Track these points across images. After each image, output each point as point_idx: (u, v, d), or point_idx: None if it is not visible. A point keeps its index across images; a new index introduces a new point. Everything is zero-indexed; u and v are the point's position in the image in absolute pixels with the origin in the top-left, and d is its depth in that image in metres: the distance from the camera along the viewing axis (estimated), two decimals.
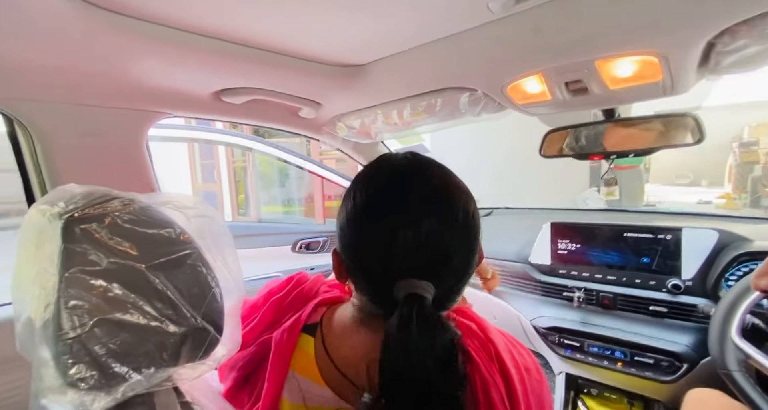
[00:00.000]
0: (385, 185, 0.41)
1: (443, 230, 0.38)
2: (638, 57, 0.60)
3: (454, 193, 0.41)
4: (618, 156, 0.99)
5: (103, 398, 0.35)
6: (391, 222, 0.38)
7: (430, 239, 0.37)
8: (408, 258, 0.37)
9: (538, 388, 0.44)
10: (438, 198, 0.39)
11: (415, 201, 0.38)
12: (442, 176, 0.42)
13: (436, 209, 0.38)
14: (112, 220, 0.40)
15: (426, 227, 0.37)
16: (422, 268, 0.37)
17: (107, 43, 0.61)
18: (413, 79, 0.86)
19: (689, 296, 1.04)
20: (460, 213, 0.39)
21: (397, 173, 0.42)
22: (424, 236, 0.37)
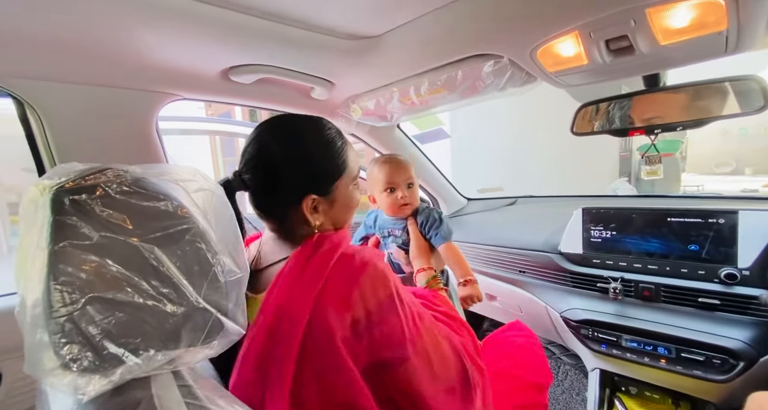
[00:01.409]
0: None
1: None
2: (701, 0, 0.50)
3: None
4: (663, 130, 0.88)
5: (98, 381, 0.33)
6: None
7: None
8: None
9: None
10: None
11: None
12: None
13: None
14: (103, 191, 0.36)
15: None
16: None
17: (114, 13, 0.58)
18: (432, 49, 0.79)
19: (746, 287, 0.92)
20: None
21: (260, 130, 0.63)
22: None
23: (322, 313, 0.48)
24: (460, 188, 1.82)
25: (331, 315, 0.48)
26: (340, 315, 0.49)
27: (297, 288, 0.50)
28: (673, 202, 1.31)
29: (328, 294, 0.49)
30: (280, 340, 0.47)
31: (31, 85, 0.72)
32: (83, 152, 0.79)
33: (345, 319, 0.49)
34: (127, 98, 0.82)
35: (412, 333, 0.54)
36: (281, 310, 0.49)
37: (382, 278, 0.53)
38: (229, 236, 0.44)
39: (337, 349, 0.48)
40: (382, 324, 0.51)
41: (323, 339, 0.48)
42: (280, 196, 0.58)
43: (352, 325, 0.49)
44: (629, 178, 5.69)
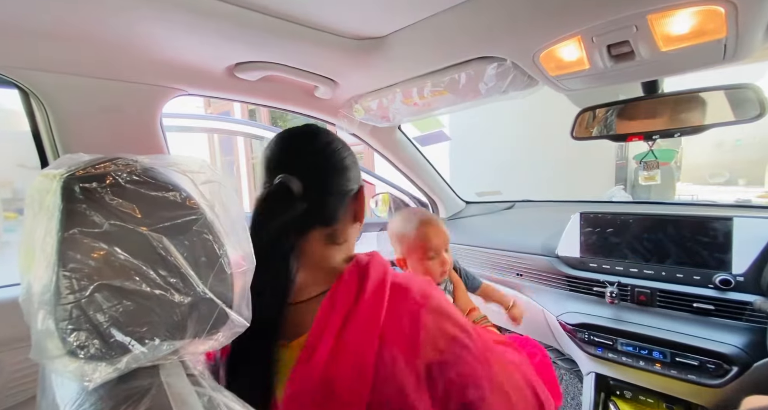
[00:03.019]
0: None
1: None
2: (701, 7, 0.52)
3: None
4: (661, 136, 0.90)
5: (104, 368, 0.33)
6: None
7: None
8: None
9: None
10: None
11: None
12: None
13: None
14: (113, 180, 0.37)
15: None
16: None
17: (121, 6, 0.59)
18: (436, 50, 0.80)
19: (740, 293, 0.93)
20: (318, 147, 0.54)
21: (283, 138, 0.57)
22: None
23: (389, 366, 0.41)
24: (459, 190, 1.83)
25: (399, 366, 0.41)
26: (410, 364, 0.41)
27: (351, 334, 0.42)
28: (669, 208, 1.33)
29: (391, 340, 0.42)
30: (339, 398, 0.40)
31: (39, 76, 0.72)
32: (87, 144, 0.79)
33: (417, 368, 0.41)
34: (133, 92, 0.82)
35: (485, 367, 0.47)
36: (336, 361, 0.41)
37: (446, 311, 0.46)
38: (236, 229, 0.44)
39: (407, 396, 0.40)
40: (458, 364, 0.44)
41: (392, 395, 0.40)
42: (336, 194, 0.52)
43: (425, 373, 0.42)
44: (625, 185, 5.74)
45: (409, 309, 0.44)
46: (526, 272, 1.37)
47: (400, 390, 0.40)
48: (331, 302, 0.45)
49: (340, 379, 0.40)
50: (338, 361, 0.41)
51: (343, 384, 0.40)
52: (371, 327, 0.42)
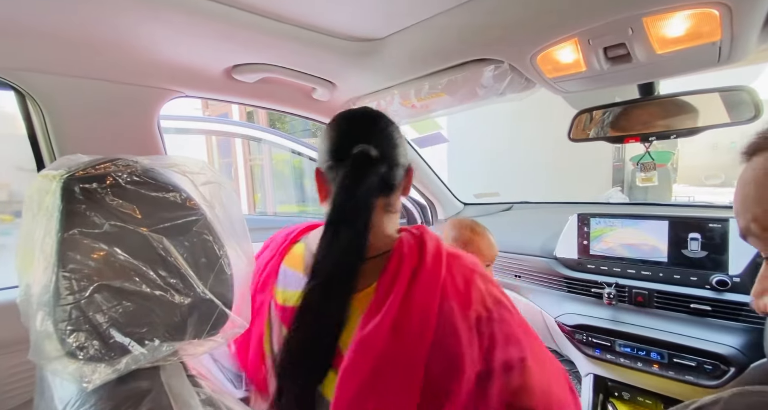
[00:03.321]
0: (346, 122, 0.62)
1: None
2: (696, 10, 0.52)
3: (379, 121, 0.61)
4: (657, 138, 0.90)
5: (103, 369, 0.33)
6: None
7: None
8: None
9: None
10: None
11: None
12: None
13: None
14: (114, 180, 0.37)
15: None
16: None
17: (119, 8, 0.59)
18: (434, 53, 0.81)
19: (737, 294, 0.94)
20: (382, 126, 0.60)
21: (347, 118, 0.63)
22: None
23: (448, 311, 0.46)
24: (456, 192, 1.83)
25: (455, 316, 0.46)
26: (464, 311, 0.47)
27: (419, 286, 0.47)
28: (666, 210, 1.34)
29: (450, 293, 0.48)
30: (407, 340, 0.45)
31: (35, 78, 0.72)
32: (84, 146, 0.78)
33: (469, 317, 0.47)
34: (130, 94, 0.82)
35: (526, 335, 0.51)
36: (407, 308, 0.46)
37: (491, 279, 0.54)
38: (237, 229, 0.44)
39: (460, 347, 0.45)
40: (502, 322, 0.49)
41: (450, 341, 0.45)
42: (398, 166, 0.59)
43: (475, 324, 0.47)
44: (622, 187, 5.77)
45: (463, 272, 0.51)
46: (524, 273, 1.37)
47: (455, 336, 0.46)
48: (398, 260, 0.51)
49: (408, 324, 0.45)
50: (407, 309, 0.46)
51: (411, 329, 0.45)
52: (434, 282, 0.48)
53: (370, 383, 0.44)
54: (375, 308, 0.48)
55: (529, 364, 0.48)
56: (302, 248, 0.63)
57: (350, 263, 0.50)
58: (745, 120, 0.80)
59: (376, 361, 0.45)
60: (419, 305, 0.46)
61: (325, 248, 0.51)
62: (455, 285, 0.49)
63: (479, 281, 0.51)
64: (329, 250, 0.51)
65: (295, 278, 0.59)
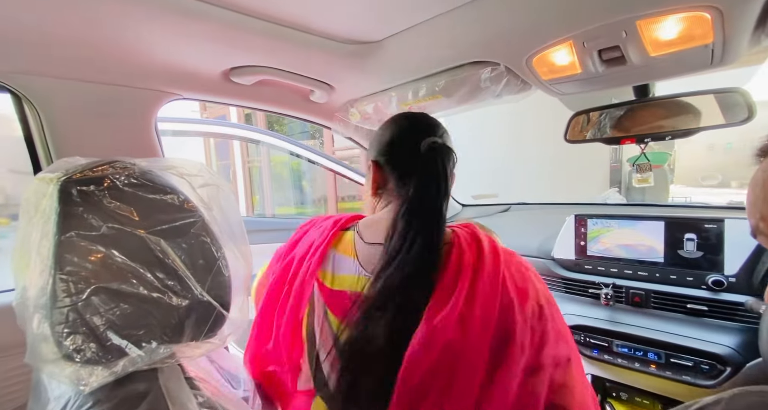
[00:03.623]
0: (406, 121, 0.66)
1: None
2: (688, 13, 0.53)
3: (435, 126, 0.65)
4: (653, 139, 0.91)
5: (100, 372, 0.33)
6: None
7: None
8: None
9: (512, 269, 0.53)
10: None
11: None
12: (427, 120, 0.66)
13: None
14: (111, 182, 0.37)
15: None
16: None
17: (116, 10, 0.59)
18: (431, 55, 0.81)
19: (733, 294, 0.94)
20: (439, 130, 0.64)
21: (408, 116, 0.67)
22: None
23: (507, 303, 0.48)
24: (455, 193, 1.84)
25: (515, 304, 0.48)
26: (522, 304, 0.49)
27: (482, 281, 0.49)
28: (663, 210, 1.34)
29: (509, 287, 0.50)
30: (473, 332, 0.46)
31: (31, 80, 0.72)
32: (81, 149, 0.78)
33: (525, 311, 0.49)
34: (128, 96, 0.82)
35: (571, 337, 0.53)
36: (471, 302, 0.48)
37: (542, 280, 0.55)
38: (235, 231, 0.44)
39: (514, 337, 0.47)
40: (554, 320, 0.51)
41: (507, 328, 0.47)
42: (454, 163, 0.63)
43: (531, 317, 0.49)
44: (619, 188, 5.79)
45: (519, 268, 0.53)
46: None
47: (512, 328, 0.48)
48: (458, 254, 0.52)
49: (473, 317, 0.47)
50: (472, 303, 0.48)
51: (476, 322, 0.47)
52: (495, 277, 0.50)
53: (434, 372, 0.45)
54: (440, 300, 0.48)
55: (573, 364, 0.50)
56: (352, 235, 0.62)
57: (433, 252, 0.52)
58: (738, 121, 0.81)
59: (442, 352, 0.46)
60: (483, 300, 0.48)
61: (404, 237, 0.52)
62: (514, 280, 0.51)
63: (534, 279, 0.53)
64: (412, 238, 0.52)
65: (347, 263, 0.59)
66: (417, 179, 0.55)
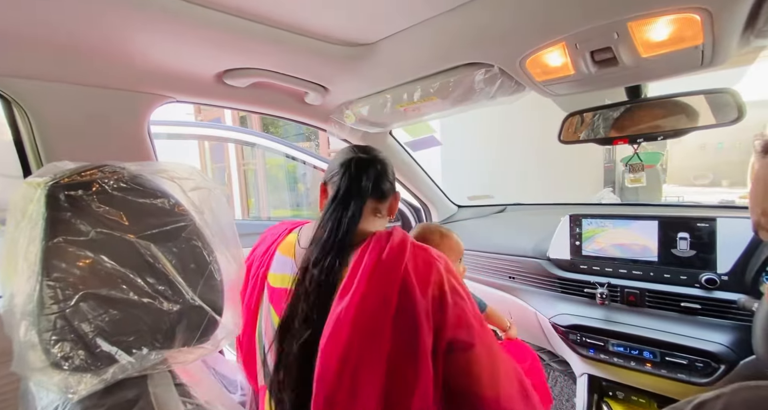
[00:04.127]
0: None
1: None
2: (678, 15, 0.53)
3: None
4: (645, 139, 0.92)
5: (89, 380, 0.32)
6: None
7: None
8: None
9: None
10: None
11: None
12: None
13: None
14: (100, 187, 0.36)
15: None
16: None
17: (108, 13, 0.58)
18: (425, 57, 0.81)
19: (725, 292, 0.95)
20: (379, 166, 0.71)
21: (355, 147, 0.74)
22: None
23: (409, 286, 0.53)
24: (451, 195, 1.84)
25: (415, 288, 0.53)
26: (422, 289, 0.53)
27: (382, 265, 0.54)
28: (656, 210, 1.36)
29: (410, 272, 0.54)
30: (373, 311, 0.51)
31: (21, 83, 0.71)
32: (72, 153, 0.77)
33: (426, 294, 0.53)
34: (119, 99, 0.82)
35: (477, 324, 0.57)
36: (372, 284, 0.53)
37: (452, 271, 0.60)
38: (226, 235, 0.44)
39: (419, 318, 0.51)
40: (455, 306, 0.55)
41: (410, 309, 0.51)
42: (389, 182, 0.71)
43: (431, 304, 0.53)
44: (613, 188, 5.84)
45: (425, 258, 0.58)
46: (518, 274, 1.37)
47: (414, 308, 0.52)
48: (367, 245, 0.59)
49: (373, 297, 0.52)
50: (372, 285, 0.53)
51: (377, 301, 0.52)
52: (397, 262, 0.55)
53: (346, 353, 0.50)
54: (347, 286, 0.54)
55: (477, 351, 0.54)
56: (294, 237, 0.72)
57: (341, 231, 0.60)
58: (729, 121, 0.82)
59: (351, 331, 0.50)
60: (383, 281, 0.53)
61: (323, 220, 0.62)
62: (416, 267, 0.56)
63: (441, 268, 0.57)
64: (329, 221, 0.61)
65: (287, 263, 0.68)
66: (336, 181, 0.66)
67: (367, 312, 0.51)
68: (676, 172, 7.63)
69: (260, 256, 0.74)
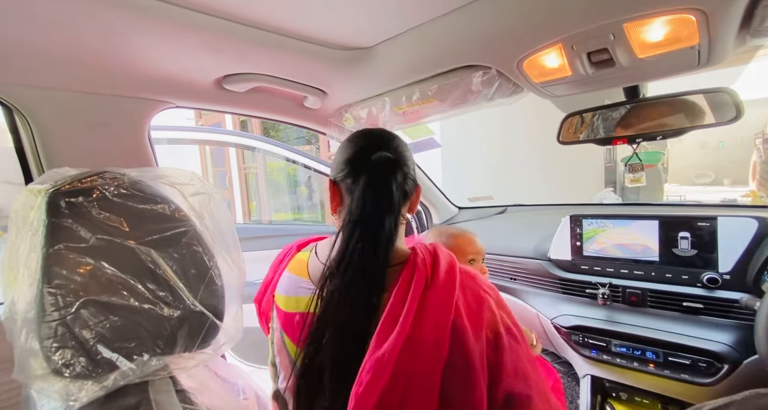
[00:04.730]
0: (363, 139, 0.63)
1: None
2: (673, 16, 0.54)
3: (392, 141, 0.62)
4: (644, 139, 0.92)
5: (90, 387, 0.32)
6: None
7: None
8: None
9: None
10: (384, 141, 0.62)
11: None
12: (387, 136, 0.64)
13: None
14: (100, 193, 0.37)
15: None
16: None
17: (107, 20, 0.59)
18: (422, 60, 0.82)
19: (728, 291, 0.95)
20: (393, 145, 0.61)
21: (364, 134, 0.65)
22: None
23: (461, 327, 0.45)
24: (451, 196, 1.84)
25: (468, 330, 0.45)
26: (476, 330, 0.46)
27: (432, 301, 0.46)
28: (657, 209, 1.35)
29: (462, 310, 0.46)
30: (422, 357, 0.43)
31: (22, 91, 0.72)
32: (73, 159, 0.78)
33: (481, 336, 0.46)
34: (120, 106, 0.82)
35: (533, 370, 0.49)
36: (420, 323, 0.44)
37: (506, 307, 0.52)
38: (227, 240, 0.44)
39: (473, 365, 0.44)
40: (512, 352, 0.47)
41: (463, 354, 0.44)
42: (410, 180, 0.60)
43: (486, 344, 0.46)
44: (614, 188, 5.83)
45: (476, 292, 0.49)
46: (519, 275, 1.37)
47: (467, 355, 0.44)
48: (410, 271, 0.49)
49: (422, 341, 0.44)
50: (421, 324, 0.44)
51: (426, 346, 0.43)
52: (448, 298, 0.46)
53: (386, 401, 0.42)
54: (388, 324, 0.45)
55: (534, 405, 0.46)
56: (307, 255, 0.63)
57: (374, 268, 0.49)
58: (727, 120, 0.82)
59: (390, 382, 0.42)
60: (433, 321, 0.45)
61: (348, 247, 0.50)
62: (468, 304, 0.47)
63: (492, 304, 0.50)
64: (356, 248, 0.50)
65: (300, 284, 0.58)
66: (359, 193, 0.54)
67: (415, 358, 0.43)
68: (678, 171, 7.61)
69: (269, 280, 0.67)
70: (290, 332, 0.56)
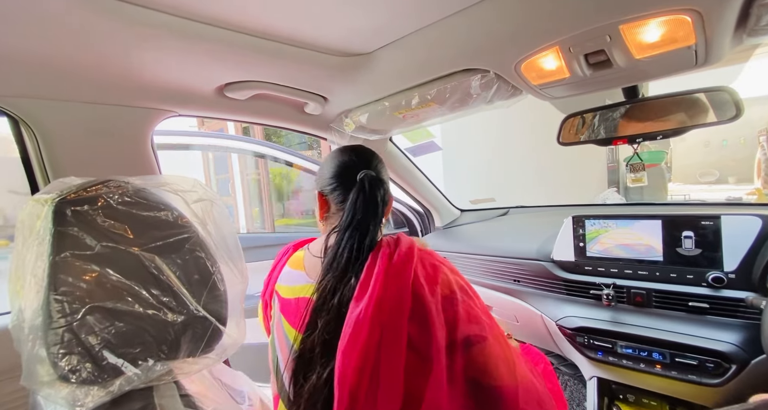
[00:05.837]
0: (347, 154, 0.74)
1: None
2: (668, 17, 0.54)
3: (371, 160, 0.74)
4: (644, 139, 0.92)
5: (96, 392, 0.33)
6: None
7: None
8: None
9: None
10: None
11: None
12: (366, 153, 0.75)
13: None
14: (105, 202, 0.37)
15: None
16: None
17: (109, 32, 0.60)
18: (421, 64, 0.83)
19: (733, 290, 0.94)
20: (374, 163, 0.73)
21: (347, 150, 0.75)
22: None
23: (419, 286, 0.56)
24: (453, 199, 1.84)
25: (425, 288, 0.56)
26: (431, 288, 0.57)
27: (394, 269, 0.57)
28: (661, 209, 1.35)
29: (419, 274, 0.58)
30: (390, 312, 0.54)
31: (27, 103, 0.73)
32: (78, 169, 0.79)
33: (436, 292, 0.57)
34: (123, 115, 0.83)
35: (486, 318, 0.60)
36: (386, 288, 0.55)
37: (457, 272, 0.64)
38: (229, 246, 0.45)
39: (430, 315, 0.54)
40: (464, 303, 0.58)
41: (422, 307, 0.55)
42: (386, 192, 0.71)
43: (441, 302, 0.56)
44: (617, 188, 5.80)
45: (431, 262, 0.61)
46: (522, 277, 1.37)
47: (426, 307, 0.55)
48: (377, 251, 0.61)
49: (389, 300, 0.55)
50: (386, 289, 0.56)
51: (392, 303, 0.54)
52: (408, 264, 0.58)
53: (366, 351, 0.52)
54: (362, 290, 0.57)
55: (490, 343, 0.57)
56: (302, 253, 0.75)
57: (359, 258, 0.62)
58: (727, 119, 0.82)
59: (370, 329, 0.53)
60: (396, 283, 0.56)
61: (336, 250, 0.63)
62: (425, 269, 0.59)
63: (446, 270, 0.61)
64: (343, 249, 0.62)
65: (298, 276, 0.71)
66: (350, 204, 0.65)
67: (385, 313, 0.54)
68: (682, 170, 7.56)
69: (270, 275, 0.78)
70: (288, 315, 0.67)
